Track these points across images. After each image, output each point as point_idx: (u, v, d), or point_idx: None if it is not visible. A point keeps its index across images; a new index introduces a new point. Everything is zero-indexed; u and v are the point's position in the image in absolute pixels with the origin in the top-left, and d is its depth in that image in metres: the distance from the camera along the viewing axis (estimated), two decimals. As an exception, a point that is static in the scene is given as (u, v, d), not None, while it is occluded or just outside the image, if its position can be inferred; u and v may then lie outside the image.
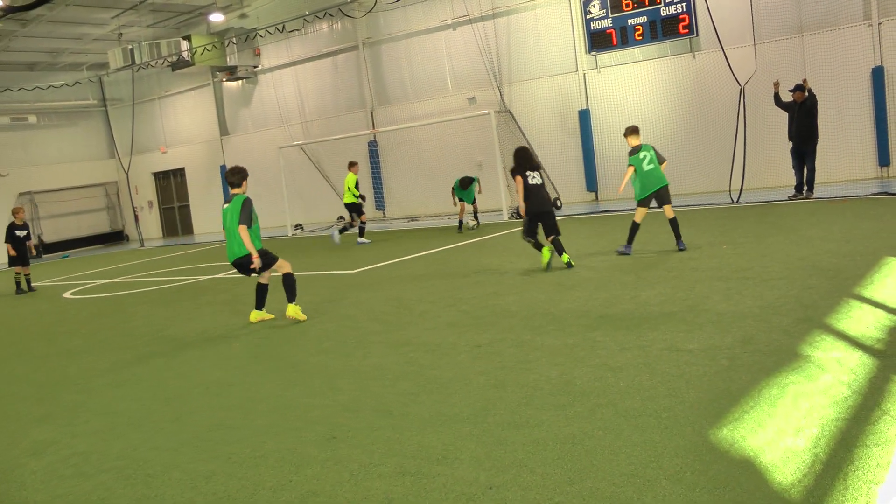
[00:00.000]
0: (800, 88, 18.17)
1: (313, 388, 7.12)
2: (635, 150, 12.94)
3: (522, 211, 12.63)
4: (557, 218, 12.90)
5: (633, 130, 13.17)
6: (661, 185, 12.77)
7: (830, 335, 6.72)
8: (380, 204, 29.92)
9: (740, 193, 19.04)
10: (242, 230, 10.16)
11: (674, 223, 12.81)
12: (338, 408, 6.37)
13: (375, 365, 7.67)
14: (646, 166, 12.78)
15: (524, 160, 12.75)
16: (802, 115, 18.12)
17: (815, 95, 18.02)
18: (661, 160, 12.91)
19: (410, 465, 4.95)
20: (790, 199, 18.29)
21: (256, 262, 10.27)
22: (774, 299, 8.34)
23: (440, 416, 5.85)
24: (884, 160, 20.64)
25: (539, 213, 12.58)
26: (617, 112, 24.31)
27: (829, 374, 5.71)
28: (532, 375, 6.65)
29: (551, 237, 12.56)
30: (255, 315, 11.04)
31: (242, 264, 10.51)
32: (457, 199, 21.29)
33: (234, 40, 31.94)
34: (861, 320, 7.09)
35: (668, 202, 12.82)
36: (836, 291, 8.25)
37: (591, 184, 25.26)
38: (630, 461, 4.57)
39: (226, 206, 10.38)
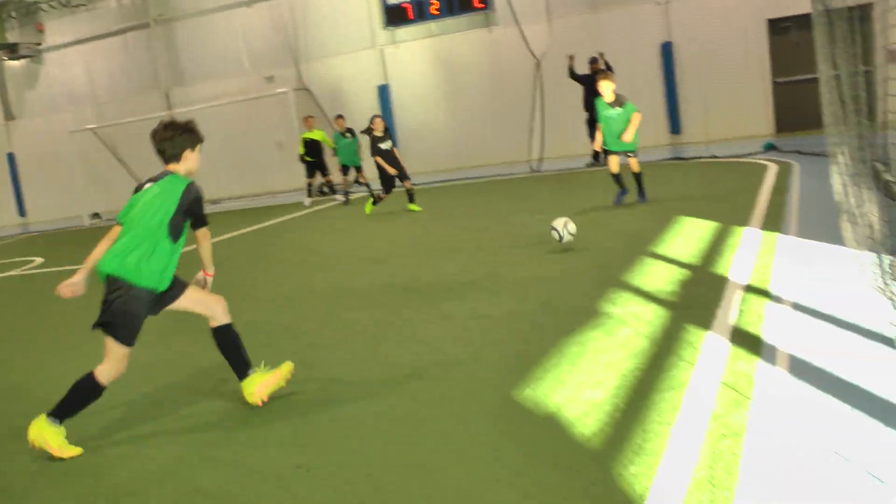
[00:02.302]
0: (594, 61, 18.80)
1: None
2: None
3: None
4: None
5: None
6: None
7: (628, 292, 6.96)
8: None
9: (540, 162, 19.56)
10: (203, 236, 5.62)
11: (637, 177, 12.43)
12: (154, 397, 6.05)
13: (182, 354, 7.34)
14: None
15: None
16: (596, 88, 18.74)
17: (611, 68, 18.67)
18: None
19: (219, 453, 4.75)
20: (588, 167, 18.92)
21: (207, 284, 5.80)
22: (575, 263, 8.58)
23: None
24: (675, 129, 21.71)
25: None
26: (416, 87, 24.42)
27: (627, 328, 5.90)
28: (340, 352, 6.55)
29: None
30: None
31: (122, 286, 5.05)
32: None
33: (14, 14, 29.81)
34: (656, 276, 7.39)
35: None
36: (632, 252, 8.56)
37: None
38: (438, 429, 4.55)
39: (149, 186, 5.39)
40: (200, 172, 5.56)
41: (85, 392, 5.06)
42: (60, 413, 5.00)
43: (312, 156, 20.94)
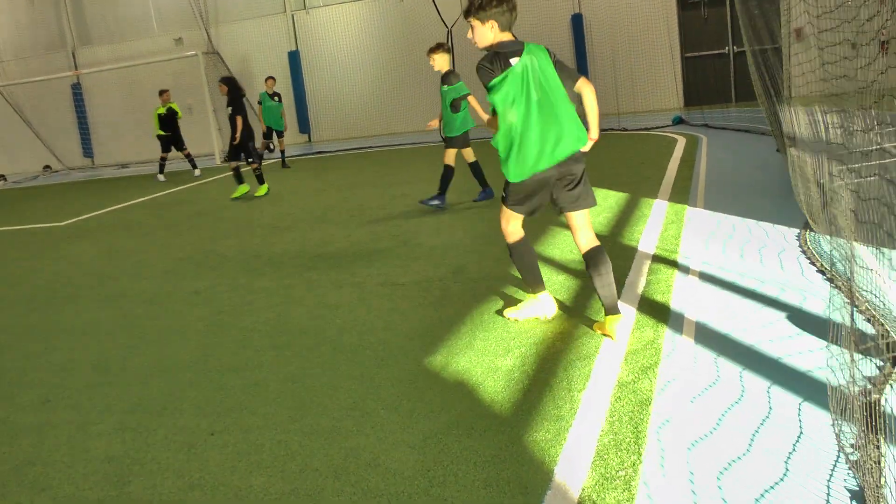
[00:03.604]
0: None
1: (26, 350, 6.50)
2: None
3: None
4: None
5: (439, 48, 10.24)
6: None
7: (540, 259, 6.99)
8: (88, 152, 28.13)
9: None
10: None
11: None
12: (53, 368, 5.86)
13: (90, 320, 7.14)
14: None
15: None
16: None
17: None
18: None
19: (130, 419, 4.64)
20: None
21: None
22: (485, 230, 8.60)
23: (159, 367, 5.52)
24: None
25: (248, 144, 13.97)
26: (327, 54, 24.16)
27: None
28: (250, 318, 6.45)
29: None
30: None
31: None
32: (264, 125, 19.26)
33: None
34: (564, 245, 7.45)
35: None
36: (543, 221, 8.58)
37: (304, 126, 25.03)
38: (349, 395, 4.52)
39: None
40: (111, 137, 5.38)
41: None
42: None
43: (167, 130, 20.45)
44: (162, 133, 20.19)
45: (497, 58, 4.83)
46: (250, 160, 14.10)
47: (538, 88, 4.86)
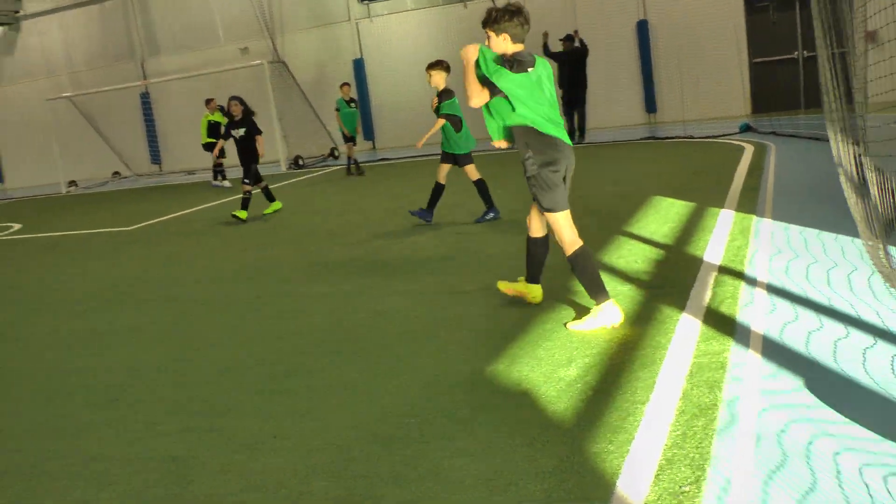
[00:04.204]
0: (569, 38, 18.72)
1: (94, 349, 6.64)
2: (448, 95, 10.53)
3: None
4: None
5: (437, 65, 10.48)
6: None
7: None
8: (156, 158, 28.66)
9: (515, 139, 19.56)
10: None
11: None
12: (120, 368, 5.96)
13: (151, 322, 7.26)
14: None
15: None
16: (572, 65, 18.70)
17: (586, 46, 18.61)
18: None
19: (194, 420, 4.70)
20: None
21: None
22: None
23: (223, 370, 5.60)
24: (651, 108, 21.73)
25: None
26: (391, 61, 24.30)
27: (599, 306, 5.86)
28: (309, 323, 6.50)
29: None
30: None
31: None
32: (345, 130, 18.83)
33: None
34: (629, 255, 7.37)
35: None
36: (606, 231, 8.53)
37: (368, 133, 25.18)
38: (408, 402, 4.52)
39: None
40: (178, 144, 5.49)
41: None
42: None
43: (215, 137, 20.58)
44: (212, 140, 20.37)
45: (516, 63, 5.37)
46: (246, 181, 13.31)
47: (542, 96, 5.46)
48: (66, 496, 3.91)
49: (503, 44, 5.48)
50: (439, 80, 10.30)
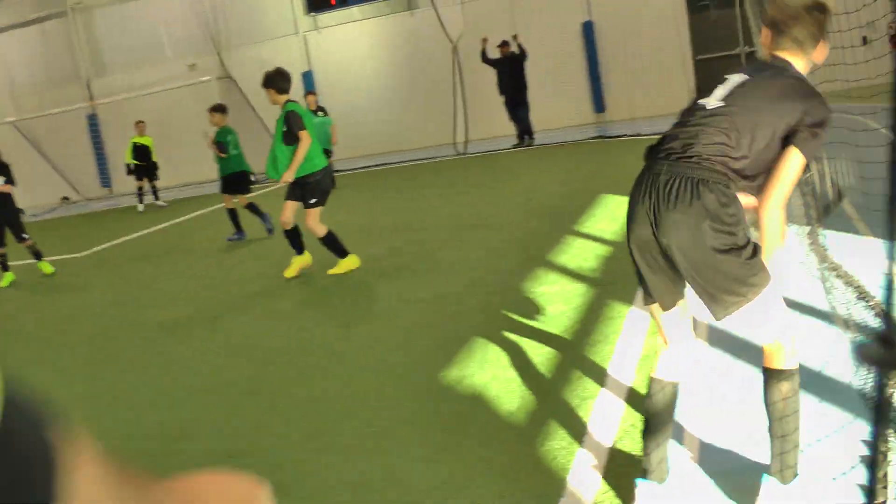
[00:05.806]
0: (505, 44, 18.86)
1: (44, 381, 6.58)
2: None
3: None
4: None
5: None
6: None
7: (553, 270, 7.02)
8: (105, 181, 28.35)
9: (465, 145, 19.62)
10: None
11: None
12: (71, 398, 5.91)
13: (113, 351, 7.21)
14: (232, 150, 12.83)
15: None
16: (511, 70, 18.84)
17: (524, 50, 18.73)
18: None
19: (149, 445, 4.70)
20: (514, 147, 19.02)
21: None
22: (499, 244, 8.62)
23: (181, 391, 5.60)
24: (599, 107, 21.96)
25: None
26: (340, 73, 24.31)
27: (552, 306, 5.96)
28: (269, 342, 6.52)
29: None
30: None
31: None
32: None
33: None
34: (578, 254, 7.47)
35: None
36: (556, 230, 8.64)
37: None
38: (367, 413, 4.56)
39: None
40: (120, 165, 5.48)
41: None
42: None
43: (141, 160, 20.67)
44: (137, 163, 20.41)
45: None
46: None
47: None
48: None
49: None
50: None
